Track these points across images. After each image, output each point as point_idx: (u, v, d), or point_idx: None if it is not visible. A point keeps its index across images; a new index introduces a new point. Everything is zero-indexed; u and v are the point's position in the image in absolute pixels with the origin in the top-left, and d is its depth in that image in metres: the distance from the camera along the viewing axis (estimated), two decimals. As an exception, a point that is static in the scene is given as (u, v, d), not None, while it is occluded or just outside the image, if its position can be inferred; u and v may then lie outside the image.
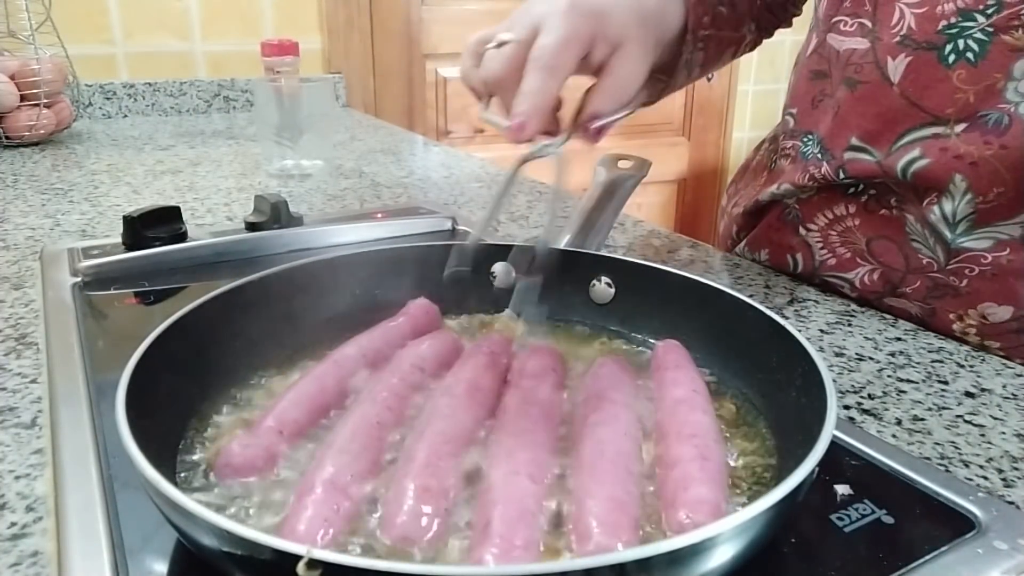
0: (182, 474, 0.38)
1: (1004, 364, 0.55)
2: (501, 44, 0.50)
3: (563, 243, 0.61)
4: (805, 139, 0.68)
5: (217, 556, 0.29)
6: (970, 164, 0.55)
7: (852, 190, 0.64)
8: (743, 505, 0.35)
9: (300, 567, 0.26)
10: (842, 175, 0.62)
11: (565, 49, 0.48)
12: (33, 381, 0.51)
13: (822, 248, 0.68)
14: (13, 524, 0.37)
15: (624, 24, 0.51)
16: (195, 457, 0.39)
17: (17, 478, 0.41)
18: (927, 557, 0.35)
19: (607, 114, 0.51)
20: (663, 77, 0.64)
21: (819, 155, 0.65)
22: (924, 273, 0.62)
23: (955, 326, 0.62)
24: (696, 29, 0.62)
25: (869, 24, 0.60)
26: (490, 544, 0.31)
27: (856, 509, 0.38)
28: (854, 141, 0.61)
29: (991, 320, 0.60)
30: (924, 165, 0.57)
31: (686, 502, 0.34)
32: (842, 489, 0.39)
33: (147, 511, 0.32)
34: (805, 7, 0.75)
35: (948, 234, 0.58)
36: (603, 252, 0.58)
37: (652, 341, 0.53)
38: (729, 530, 0.28)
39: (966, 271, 0.59)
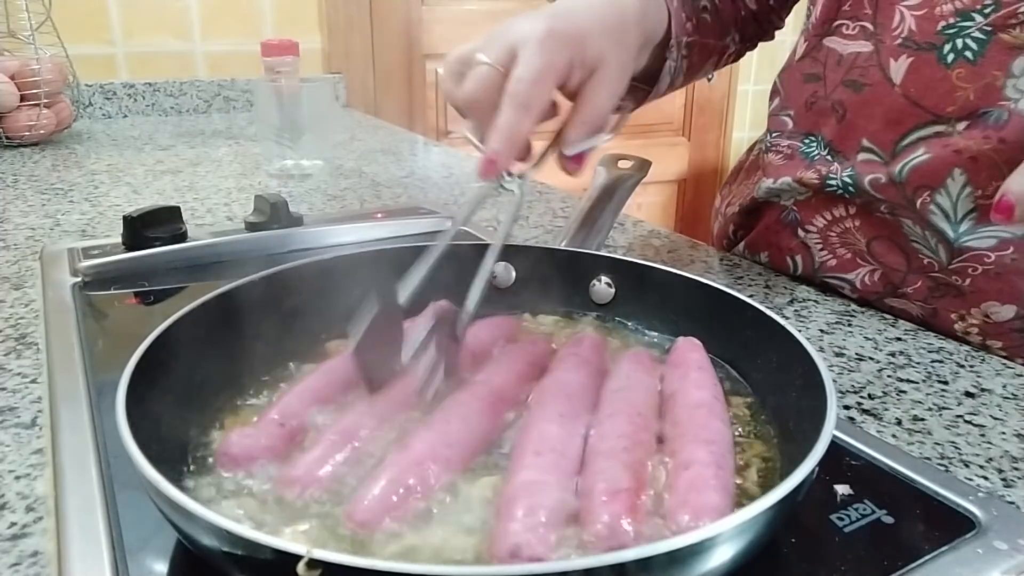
0: (183, 473, 0.38)
1: (1004, 364, 0.55)
2: (479, 64, 0.49)
3: (563, 243, 0.61)
4: (807, 140, 0.67)
5: (217, 556, 0.29)
6: (969, 158, 0.55)
7: (843, 193, 0.63)
8: (742, 506, 0.35)
9: (300, 567, 0.26)
10: (850, 172, 0.62)
11: (540, 83, 0.47)
12: (33, 381, 0.51)
13: (822, 249, 0.68)
14: (13, 524, 0.37)
15: (601, 47, 0.50)
16: (195, 456, 0.39)
17: (17, 478, 0.41)
18: (927, 557, 0.35)
19: (579, 141, 0.50)
20: (645, 87, 0.64)
21: (828, 157, 0.65)
22: (925, 273, 0.62)
23: (957, 326, 0.62)
24: (680, 35, 0.62)
25: (871, 27, 0.60)
26: (512, 521, 0.32)
27: (856, 509, 0.38)
28: (865, 143, 0.61)
29: (994, 319, 0.60)
30: (923, 161, 0.57)
31: (697, 505, 0.33)
32: (842, 489, 0.39)
33: (147, 511, 0.32)
34: (790, 17, 0.75)
35: (951, 233, 0.58)
36: (603, 252, 0.58)
37: (652, 336, 0.53)
38: (729, 530, 0.28)
39: (969, 270, 0.59)
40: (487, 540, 0.33)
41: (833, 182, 0.63)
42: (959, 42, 0.55)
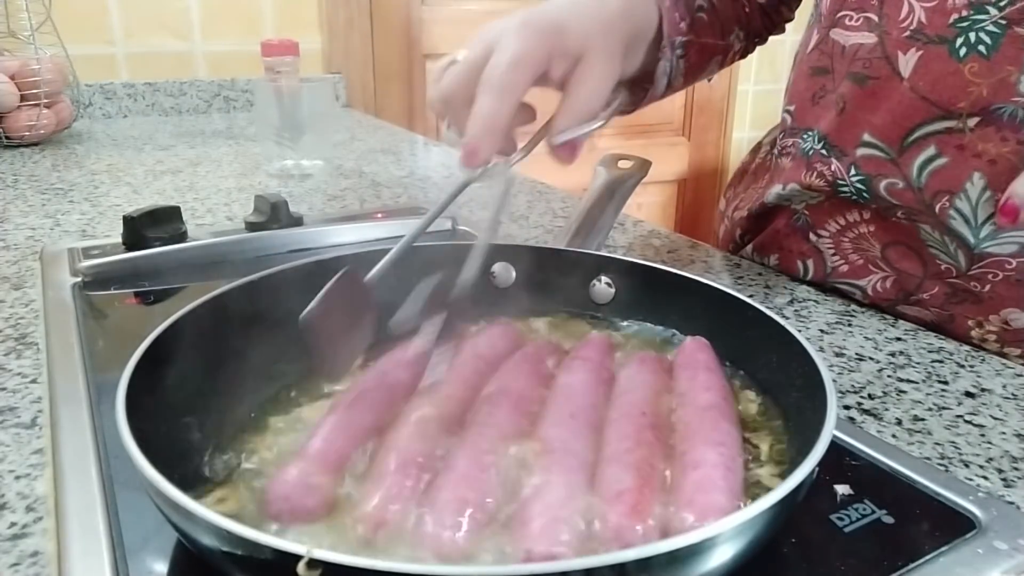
0: (183, 473, 0.38)
1: (1004, 364, 0.55)
2: (453, 63, 0.49)
3: (563, 243, 0.61)
4: (804, 136, 0.67)
5: (217, 556, 0.29)
6: (988, 162, 0.54)
7: (857, 199, 0.62)
8: (743, 506, 0.35)
9: (300, 567, 0.26)
10: (854, 171, 0.61)
11: (516, 69, 0.46)
12: (33, 381, 0.51)
13: (834, 255, 0.67)
14: (13, 524, 0.37)
15: (583, 36, 0.49)
16: (195, 456, 0.39)
17: (17, 478, 0.41)
18: (927, 557, 0.35)
19: (567, 130, 0.49)
20: (645, 85, 0.63)
21: (824, 152, 0.64)
22: (942, 279, 0.61)
23: (973, 332, 0.62)
24: (672, 35, 0.61)
25: (876, 18, 0.59)
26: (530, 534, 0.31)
27: (856, 509, 0.38)
28: (866, 137, 0.60)
29: (1013, 326, 0.59)
30: (941, 165, 0.56)
31: (703, 506, 0.33)
32: (842, 489, 0.39)
33: (147, 511, 0.32)
34: (800, 9, 0.75)
35: (971, 238, 0.57)
36: (603, 252, 0.59)
37: (652, 336, 0.53)
38: (729, 530, 0.28)
39: (989, 276, 0.58)
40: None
41: (845, 188, 0.62)
42: (972, 35, 0.53)
